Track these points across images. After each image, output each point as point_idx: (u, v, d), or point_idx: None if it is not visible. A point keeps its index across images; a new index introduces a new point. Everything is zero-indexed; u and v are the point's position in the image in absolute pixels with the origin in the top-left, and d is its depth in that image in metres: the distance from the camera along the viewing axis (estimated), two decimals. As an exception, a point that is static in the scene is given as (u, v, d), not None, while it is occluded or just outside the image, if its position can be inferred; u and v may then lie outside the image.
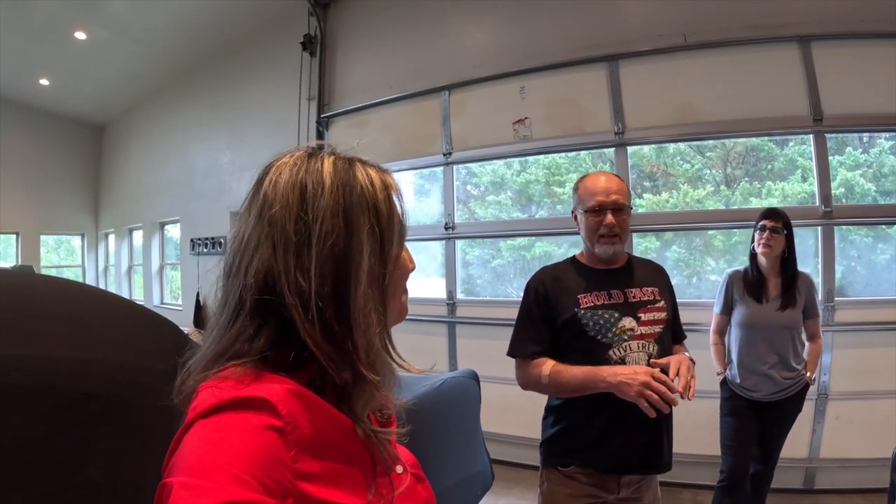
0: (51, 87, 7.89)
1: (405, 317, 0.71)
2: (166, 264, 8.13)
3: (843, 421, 3.30)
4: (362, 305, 0.59)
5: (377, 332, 0.61)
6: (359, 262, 0.60)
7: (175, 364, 0.89)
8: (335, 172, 0.62)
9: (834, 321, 3.31)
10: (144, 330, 0.90)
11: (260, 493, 0.46)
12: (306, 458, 0.52)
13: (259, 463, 0.48)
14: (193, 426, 0.51)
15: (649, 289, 1.70)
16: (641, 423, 1.48)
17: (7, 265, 8.37)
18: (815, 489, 3.33)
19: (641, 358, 1.61)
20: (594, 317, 1.63)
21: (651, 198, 4.29)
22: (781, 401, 2.52)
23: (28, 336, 0.71)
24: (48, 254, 9.51)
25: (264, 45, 5.91)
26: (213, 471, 0.45)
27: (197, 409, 0.52)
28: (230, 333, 0.60)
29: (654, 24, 3.66)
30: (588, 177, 1.74)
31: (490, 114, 4.22)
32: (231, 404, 0.51)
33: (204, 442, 0.49)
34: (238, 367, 0.57)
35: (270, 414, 0.51)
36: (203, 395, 0.54)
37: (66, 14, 5.94)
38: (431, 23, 4.57)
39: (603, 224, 1.64)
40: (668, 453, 1.65)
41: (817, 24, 3.32)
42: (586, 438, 1.62)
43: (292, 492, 0.50)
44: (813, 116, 3.34)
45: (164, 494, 0.46)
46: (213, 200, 6.53)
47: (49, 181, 9.02)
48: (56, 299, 0.82)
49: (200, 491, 0.43)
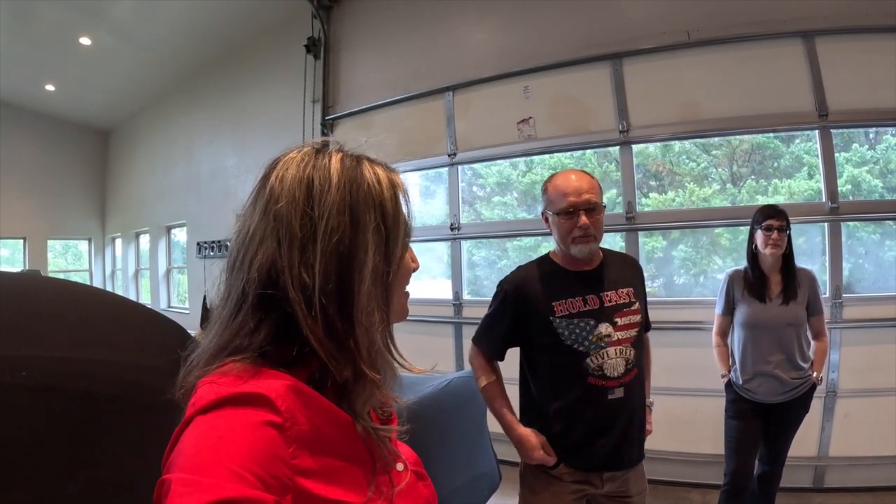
0: (56, 92, 7.95)
1: (406, 317, 0.71)
2: (173, 268, 8.17)
3: (852, 419, 3.27)
4: (365, 303, 0.59)
5: (379, 331, 0.62)
6: (363, 260, 0.60)
7: (178, 362, 0.90)
8: (342, 169, 0.62)
9: (842, 318, 3.28)
10: (149, 331, 0.91)
11: (258, 489, 0.46)
12: (305, 455, 0.52)
13: (258, 459, 0.47)
14: (192, 422, 0.51)
15: (624, 290, 1.69)
16: (616, 426, 1.61)
17: (15, 270, 8.43)
18: (825, 488, 3.31)
19: (619, 364, 1.61)
20: (570, 325, 1.62)
21: (657, 197, 4.28)
22: (788, 402, 2.48)
23: (33, 337, 0.71)
24: (55, 259, 9.57)
25: (268, 48, 5.93)
26: (212, 467, 0.45)
27: (196, 405, 0.52)
28: (231, 327, 0.60)
29: (658, 21, 3.65)
30: (557, 176, 1.69)
31: (494, 114, 4.22)
32: (230, 400, 0.51)
33: (203, 438, 0.49)
34: (238, 362, 0.56)
35: (269, 410, 0.51)
36: (202, 390, 0.54)
37: (71, 20, 5.99)
38: (434, 23, 4.58)
39: (577, 226, 1.60)
40: (642, 447, 1.74)
41: (821, 19, 3.30)
42: (568, 443, 1.63)
43: (291, 488, 0.50)
44: (818, 112, 3.32)
45: (163, 491, 0.45)
46: (219, 204, 6.55)
47: (56, 186, 9.10)
48: (61, 301, 0.82)
49: (199, 487, 0.43)
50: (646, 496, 1.74)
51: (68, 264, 10.00)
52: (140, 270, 8.95)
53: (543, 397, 1.68)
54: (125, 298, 1.02)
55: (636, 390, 1.67)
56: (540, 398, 1.70)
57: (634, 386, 1.65)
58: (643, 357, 1.74)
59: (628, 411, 1.64)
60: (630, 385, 1.62)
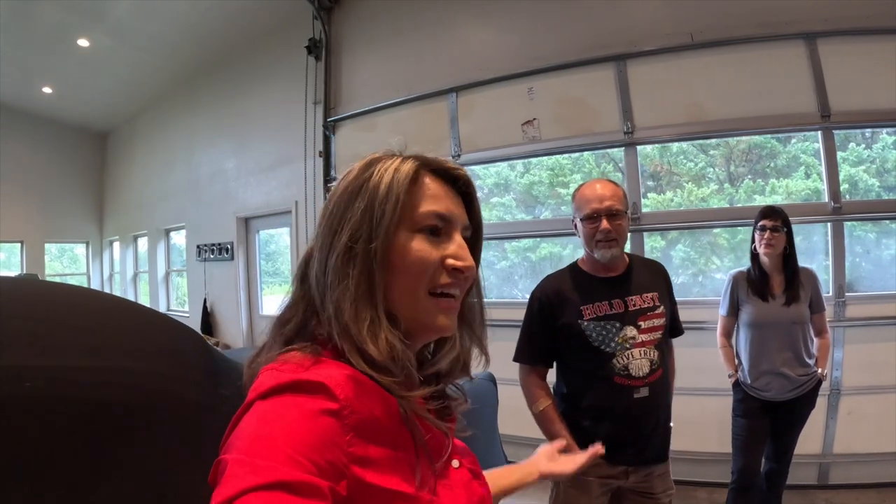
0: (54, 95, 7.91)
1: (435, 324, 0.65)
2: (172, 271, 8.13)
3: (855, 416, 3.31)
4: (332, 278, 0.62)
5: (367, 320, 0.60)
6: (340, 237, 0.63)
7: (198, 369, 0.89)
8: (361, 165, 0.69)
9: (845, 316, 3.32)
10: (168, 338, 0.89)
11: (313, 474, 0.46)
12: (361, 443, 0.53)
13: (314, 445, 0.48)
14: (252, 406, 0.52)
15: (649, 294, 1.79)
16: (642, 423, 1.72)
17: (11, 274, 8.36)
18: (830, 484, 3.34)
19: (644, 364, 1.72)
20: (597, 328, 1.73)
21: (655, 197, 4.30)
22: (795, 399, 2.51)
23: (46, 346, 0.69)
24: (51, 262, 9.51)
25: (269, 49, 5.90)
26: (268, 450, 0.46)
27: (257, 390, 0.53)
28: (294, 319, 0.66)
29: (661, 23, 3.67)
30: (584, 185, 1.81)
31: (498, 115, 4.22)
32: (290, 387, 0.52)
33: (261, 422, 0.50)
34: (299, 351, 0.59)
35: (328, 398, 0.52)
36: (264, 376, 0.56)
37: (69, 22, 5.95)
38: (437, 25, 4.58)
39: (598, 230, 1.71)
40: (667, 445, 1.83)
41: (823, 21, 3.34)
42: (595, 437, 1.66)
43: (346, 476, 0.50)
44: (821, 113, 3.35)
45: (220, 470, 0.47)
46: (219, 206, 6.55)
47: (53, 189, 9.04)
48: (76, 308, 0.80)
49: (254, 468, 0.44)
50: (671, 497, 1.81)
51: (64, 268, 9.94)
52: (138, 274, 8.91)
53: (573, 394, 1.80)
54: (140, 305, 1.00)
55: (661, 390, 1.76)
56: (570, 395, 1.81)
57: (659, 386, 1.74)
58: (668, 359, 1.83)
59: (653, 410, 1.74)
60: (655, 385, 1.72)
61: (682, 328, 1.97)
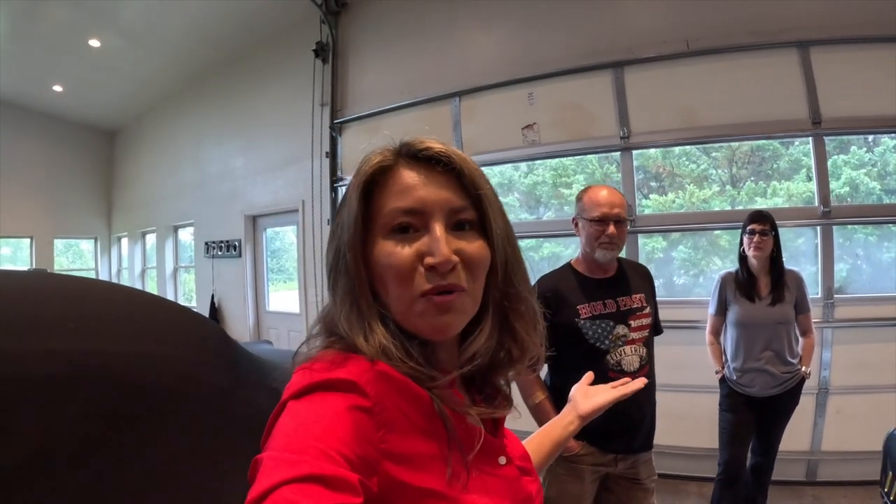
0: (64, 93, 7.98)
1: (427, 326, 0.61)
2: (180, 267, 8.25)
3: (844, 415, 3.38)
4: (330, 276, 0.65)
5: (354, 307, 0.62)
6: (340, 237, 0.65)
7: (224, 358, 0.98)
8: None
9: (834, 318, 3.39)
10: (193, 328, 0.93)
11: (346, 468, 0.47)
12: (393, 439, 0.54)
13: (346, 441, 0.49)
14: (286, 406, 0.54)
15: (637, 296, 1.93)
16: (633, 415, 1.84)
17: (23, 268, 8.48)
18: (817, 481, 3.42)
19: (634, 360, 1.86)
20: (592, 326, 1.85)
21: (657, 198, 4.35)
22: (779, 395, 2.62)
23: (84, 333, 0.73)
24: (57, 257, 9.62)
25: (277, 51, 5.97)
26: (302, 446, 0.47)
27: (290, 390, 0.55)
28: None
29: (658, 31, 3.74)
30: (592, 188, 1.92)
31: (500, 119, 4.29)
32: (321, 386, 0.54)
33: (294, 421, 0.51)
34: (330, 350, 0.61)
35: (358, 395, 0.53)
36: (297, 376, 0.58)
37: (80, 22, 6.01)
38: (441, 30, 4.65)
39: (605, 234, 1.83)
40: (652, 436, 1.98)
41: (816, 29, 3.40)
42: (589, 427, 1.76)
43: (378, 472, 0.51)
44: (812, 119, 3.42)
45: (256, 468, 0.48)
46: (227, 204, 6.64)
47: (62, 186, 9.14)
48: (103, 299, 0.84)
49: (288, 463, 0.45)
50: (654, 481, 1.98)
51: (70, 263, 10.06)
52: (146, 269, 9.03)
53: (567, 388, 1.85)
54: (163, 298, 1.06)
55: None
56: (564, 388, 1.87)
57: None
58: (653, 356, 1.96)
59: (642, 402, 1.86)
60: None
61: (662, 328, 2.11)
